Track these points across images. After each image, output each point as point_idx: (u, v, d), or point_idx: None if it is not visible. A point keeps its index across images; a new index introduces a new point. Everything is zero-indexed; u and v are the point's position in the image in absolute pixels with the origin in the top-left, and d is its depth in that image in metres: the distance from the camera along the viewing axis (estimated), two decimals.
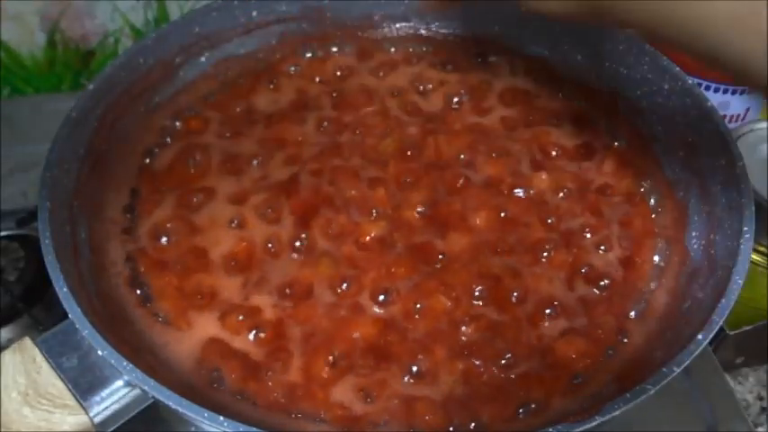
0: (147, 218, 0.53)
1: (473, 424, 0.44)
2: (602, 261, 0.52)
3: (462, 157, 0.57)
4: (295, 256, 0.51)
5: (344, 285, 0.49)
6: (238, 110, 0.61)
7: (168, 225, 0.53)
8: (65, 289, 0.41)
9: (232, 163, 0.57)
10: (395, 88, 0.63)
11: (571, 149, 0.59)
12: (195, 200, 0.54)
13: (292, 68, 0.64)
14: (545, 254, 0.51)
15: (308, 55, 0.66)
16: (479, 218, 0.53)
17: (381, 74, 0.64)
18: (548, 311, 0.49)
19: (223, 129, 0.59)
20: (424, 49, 0.67)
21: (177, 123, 0.60)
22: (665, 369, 0.39)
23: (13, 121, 0.80)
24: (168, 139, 0.58)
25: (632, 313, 0.50)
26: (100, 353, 0.39)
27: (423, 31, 0.68)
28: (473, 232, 0.52)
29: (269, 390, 0.45)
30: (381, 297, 0.49)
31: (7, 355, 0.41)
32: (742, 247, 0.45)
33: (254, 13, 0.63)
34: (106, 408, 0.41)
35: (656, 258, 0.53)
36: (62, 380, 0.40)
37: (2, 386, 0.40)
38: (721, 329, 0.62)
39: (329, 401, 0.44)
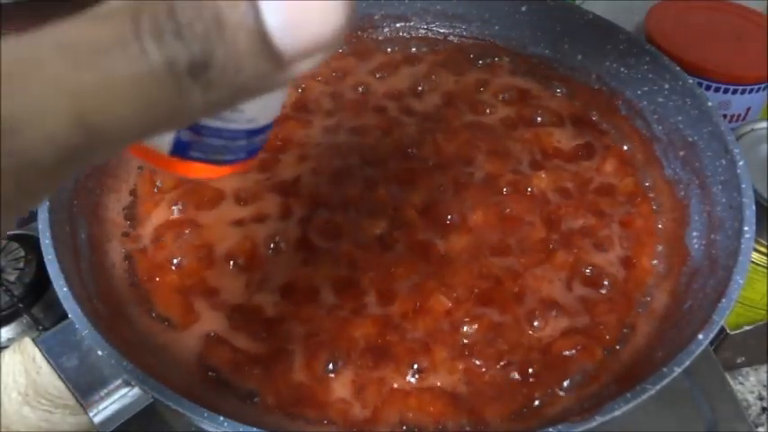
0: (147, 218, 0.53)
1: (473, 424, 0.44)
2: (603, 261, 0.52)
3: (462, 156, 0.57)
4: (296, 255, 0.51)
5: (344, 285, 0.49)
6: None
7: (168, 225, 0.53)
8: (65, 289, 0.41)
9: None
10: (394, 88, 0.63)
11: (571, 149, 0.59)
12: (195, 200, 0.54)
13: None
14: (545, 254, 0.51)
15: None
16: (479, 217, 0.53)
17: (381, 74, 0.64)
18: (548, 312, 0.49)
19: None
20: (424, 49, 0.67)
21: None
22: (665, 369, 0.39)
23: None
24: None
25: (633, 313, 0.49)
26: (100, 353, 0.39)
27: (423, 31, 0.68)
28: (473, 232, 0.52)
29: (269, 389, 0.45)
30: (381, 297, 0.49)
31: (7, 355, 0.41)
32: (742, 246, 0.45)
33: None
34: (106, 408, 0.41)
35: (657, 258, 0.53)
36: (62, 380, 0.40)
37: (2, 386, 0.40)
38: (722, 329, 0.62)
39: (330, 401, 0.44)
